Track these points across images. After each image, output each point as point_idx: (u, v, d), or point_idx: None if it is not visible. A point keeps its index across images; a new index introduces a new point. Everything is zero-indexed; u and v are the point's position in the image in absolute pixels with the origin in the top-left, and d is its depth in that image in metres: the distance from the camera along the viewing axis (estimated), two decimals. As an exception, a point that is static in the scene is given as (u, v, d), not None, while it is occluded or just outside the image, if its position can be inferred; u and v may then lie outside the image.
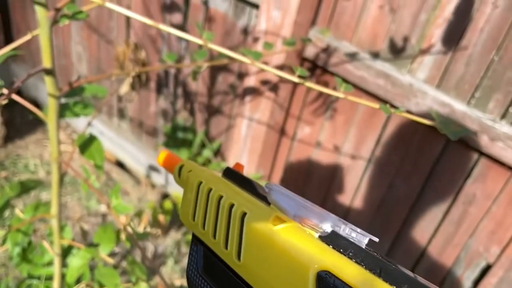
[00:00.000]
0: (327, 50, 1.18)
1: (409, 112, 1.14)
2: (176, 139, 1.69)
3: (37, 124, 2.09)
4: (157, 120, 1.75)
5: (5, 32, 2.02)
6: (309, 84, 0.55)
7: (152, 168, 1.82)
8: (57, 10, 0.63)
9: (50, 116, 0.74)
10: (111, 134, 1.89)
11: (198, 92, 1.57)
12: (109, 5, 0.54)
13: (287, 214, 0.31)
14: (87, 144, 0.86)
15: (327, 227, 0.30)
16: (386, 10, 1.10)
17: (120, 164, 1.99)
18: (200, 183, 0.40)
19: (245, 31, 1.34)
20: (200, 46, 1.28)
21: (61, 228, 0.95)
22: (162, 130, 1.75)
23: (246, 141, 1.38)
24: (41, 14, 0.63)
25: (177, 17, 1.45)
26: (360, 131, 1.29)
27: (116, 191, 0.76)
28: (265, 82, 1.24)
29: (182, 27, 1.46)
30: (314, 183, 1.45)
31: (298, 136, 1.41)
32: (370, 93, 1.19)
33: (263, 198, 0.34)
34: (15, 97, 0.68)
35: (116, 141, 1.87)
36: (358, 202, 1.40)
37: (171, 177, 1.78)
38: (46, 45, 0.65)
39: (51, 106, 0.72)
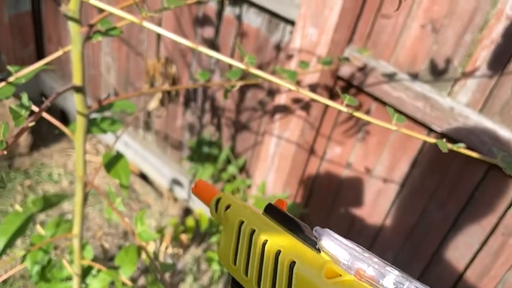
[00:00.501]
0: (364, 70, 1.13)
1: (447, 136, 1.08)
2: (201, 153, 1.66)
3: (63, 133, 2.09)
4: (183, 134, 1.72)
5: (36, 41, 2.04)
6: (360, 114, 0.50)
7: (175, 181, 1.79)
8: (91, 26, 0.60)
9: (77, 134, 0.71)
10: (136, 145, 1.87)
11: (226, 107, 1.53)
12: (146, 24, 0.51)
13: (340, 264, 0.28)
14: (113, 162, 0.83)
15: (389, 284, 0.26)
16: (428, 30, 1.04)
17: (143, 176, 1.97)
18: (242, 222, 0.37)
19: (278, 47, 1.30)
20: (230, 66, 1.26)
21: (82, 247, 0.92)
22: (187, 144, 1.72)
23: (273, 159, 1.34)
24: (74, 30, 0.60)
25: (208, 31, 1.42)
26: (394, 153, 1.23)
27: (141, 217, 0.72)
28: (296, 101, 1.20)
29: (213, 42, 1.43)
30: (343, 204, 1.39)
31: (327, 156, 1.36)
32: (407, 115, 1.13)
33: (311, 243, 0.31)
34: (44, 113, 0.65)
35: (141, 153, 1.85)
36: (388, 227, 1.33)
37: (194, 192, 1.74)
38: (77, 62, 0.63)
39: (79, 123, 0.70)
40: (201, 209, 1.56)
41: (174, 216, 1.84)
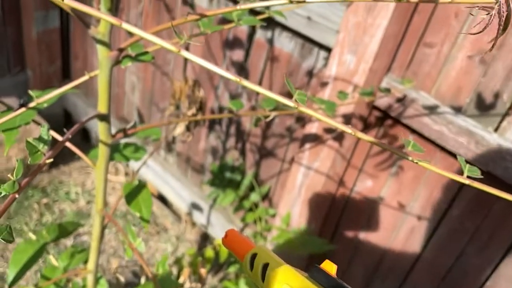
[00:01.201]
0: (403, 100, 1.06)
1: (495, 176, 1.00)
2: (223, 178, 1.59)
3: (83, 150, 2.06)
4: (205, 157, 1.67)
5: (62, 58, 2.03)
6: (425, 163, 0.44)
7: (194, 206, 1.73)
8: (121, 50, 0.55)
9: (99, 164, 0.66)
10: (156, 166, 1.82)
11: (251, 132, 1.48)
12: (185, 53, 0.45)
13: None
14: (134, 193, 0.77)
15: None
16: (476, 61, 0.97)
17: (162, 198, 1.91)
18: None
19: (310, 73, 1.24)
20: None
21: (96, 281, 0.86)
22: (209, 168, 1.67)
23: (300, 190, 1.26)
24: (102, 54, 0.55)
25: (238, 54, 1.38)
26: (431, 190, 1.14)
27: (164, 263, 0.66)
28: (329, 130, 1.13)
29: (242, 65, 1.38)
30: (371, 240, 1.30)
31: (357, 188, 1.28)
32: (448, 150, 1.05)
33: None
34: (68, 145, 0.60)
35: (161, 175, 1.80)
36: (420, 268, 1.24)
37: (214, 218, 1.68)
38: (104, 89, 0.57)
39: (101, 153, 0.64)
40: (220, 240, 1.49)
41: (192, 242, 1.77)
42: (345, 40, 1.02)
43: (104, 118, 0.60)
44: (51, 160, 0.43)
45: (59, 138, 0.66)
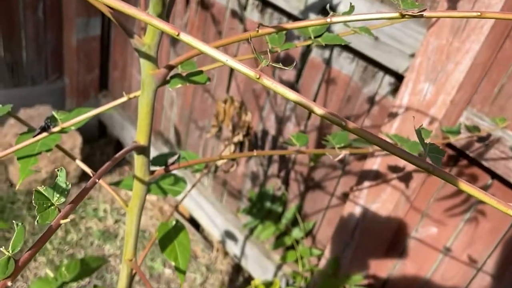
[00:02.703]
0: (485, 140, 0.89)
1: None
2: (261, 208, 1.45)
3: (115, 165, 1.97)
4: (243, 183, 1.53)
5: (101, 67, 1.96)
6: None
7: (228, 234, 1.59)
8: (170, 68, 0.43)
9: (132, 204, 0.53)
10: (188, 186, 1.70)
11: (297, 160, 1.33)
12: (231, 62, 0.33)
13: None
14: (170, 236, 0.64)
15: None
16: None
17: (193, 222, 1.79)
18: None
19: (371, 100, 1.10)
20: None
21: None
22: (246, 195, 1.53)
23: (354, 233, 1.11)
24: (147, 72, 0.43)
25: (289, 74, 1.25)
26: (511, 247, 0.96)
27: None
28: (394, 169, 0.97)
29: (292, 86, 1.25)
30: (434, 299, 1.12)
31: (419, 235, 1.11)
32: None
33: None
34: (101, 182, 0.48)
35: (194, 197, 1.68)
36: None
37: (248, 250, 1.53)
38: (145, 114, 0.45)
39: (136, 192, 0.52)
40: (259, 280, 1.34)
41: (223, 273, 1.63)
42: (422, 66, 0.87)
43: (142, 150, 0.47)
44: (67, 220, 0.30)
45: (86, 169, 0.54)
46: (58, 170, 0.31)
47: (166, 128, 1.78)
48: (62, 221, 0.30)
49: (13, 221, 0.28)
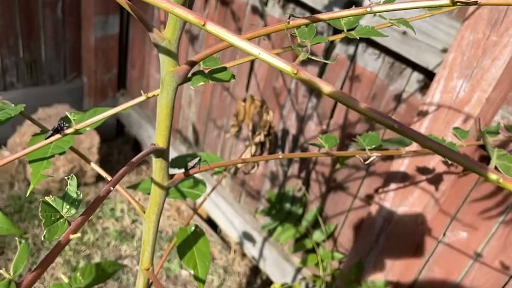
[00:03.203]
0: (523, 140, 0.84)
1: None
2: (280, 209, 1.41)
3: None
4: (262, 183, 1.49)
5: (119, 65, 1.95)
6: None
7: (246, 236, 1.56)
8: (192, 64, 0.39)
9: (149, 211, 0.50)
10: (207, 188, 1.67)
11: (318, 160, 1.29)
12: (264, 55, 0.29)
13: None
14: (189, 243, 0.61)
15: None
16: None
17: (211, 222, 1.76)
18: None
19: (398, 98, 1.05)
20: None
21: None
22: (265, 195, 1.49)
23: (379, 236, 1.06)
24: (167, 68, 0.39)
25: (311, 71, 1.20)
26: (549, 254, 0.91)
27: None
28: (424, 170, 0.92)
29: (314, 83, 1.21)
30: (464, 308, 1.07)
31: (447, 239, 1.05)
32: None
33: None
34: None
35: (212, 197, 1.65)
36: None
37: (267, 252, 1.50)
38: (164, 114, 0.42)
39: (154, 198, 0.48)
40: (278, 285, 1.30)
41: (240, 275, 1.59)
42: (455, 62, 0.82)
43: (161, 154, 0.44)
44: (78, 235, 0.26)
45: (100, 172, 0.51)
46: (68, 178, 0.28)
47: (184, 127, 1.75)
48: (72, 236, 0.26)
49: (21, 230, 0.24)
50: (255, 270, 1.60)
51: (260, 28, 0.41)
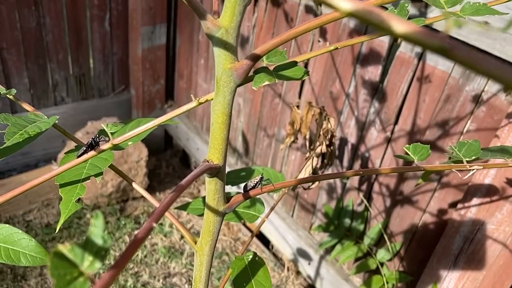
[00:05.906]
0: None
1: None
2: (339, 225, 1.30)
3: (181, 175, 1.91)
4: (317, 196, 1.39)
5: (167, 76, 1.91)
6: None
7: (301, 253, 1.45)
8: (255, 58, 0.30)
9: (202, 241, 0.41)
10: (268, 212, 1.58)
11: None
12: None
13: None
14: (246, 275, 0.51)
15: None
16: None
17: (262, 237, 1.67)
18: None
19: (476, 100, 0.91)
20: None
21: None
22: (321, 209, 1.38)
23: (458, 258, 0.92)
24: (223, 66, 0.31)
25: (372, 72, 1.09)
26: None
27: None
28: (516, 183, 0.79)
29: (376, 86, 1.09)
30: None
31: (541, 263, 0.90)
32: None
33: None
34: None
35: (263, 211, 1.56)
36: None
37: (324, 271, 1.38)
38: (220, 123, 0.33)
39: (207, 226, 0.40)
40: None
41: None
42: (556, 53, 0.69)
43: (216, 172, 0.35)
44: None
45: (143, 193, 0.43)
46: (92, 217, 0.19)
47: (233, 137, 1.68)
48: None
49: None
50: (311, 290, 1.49)
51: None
